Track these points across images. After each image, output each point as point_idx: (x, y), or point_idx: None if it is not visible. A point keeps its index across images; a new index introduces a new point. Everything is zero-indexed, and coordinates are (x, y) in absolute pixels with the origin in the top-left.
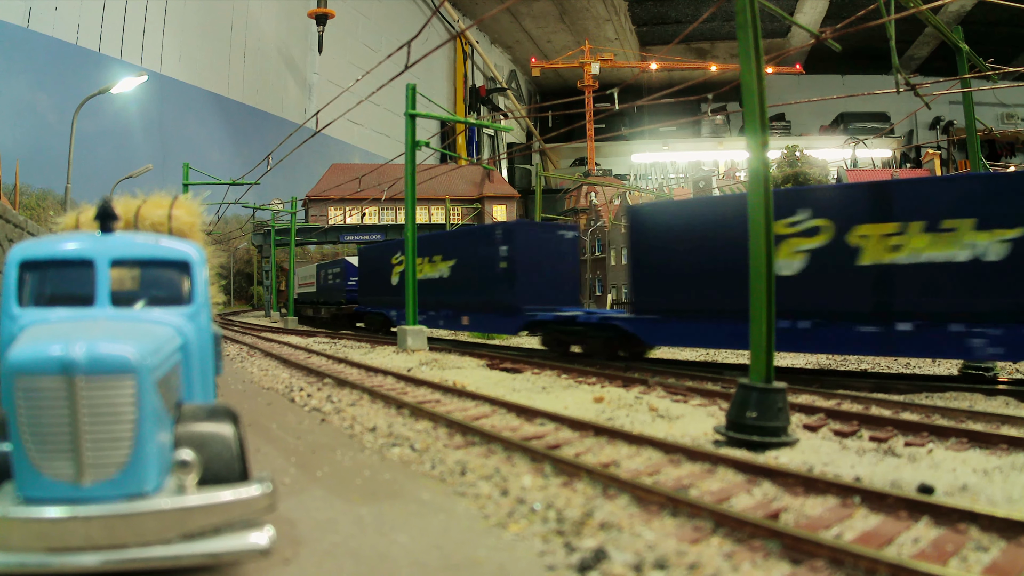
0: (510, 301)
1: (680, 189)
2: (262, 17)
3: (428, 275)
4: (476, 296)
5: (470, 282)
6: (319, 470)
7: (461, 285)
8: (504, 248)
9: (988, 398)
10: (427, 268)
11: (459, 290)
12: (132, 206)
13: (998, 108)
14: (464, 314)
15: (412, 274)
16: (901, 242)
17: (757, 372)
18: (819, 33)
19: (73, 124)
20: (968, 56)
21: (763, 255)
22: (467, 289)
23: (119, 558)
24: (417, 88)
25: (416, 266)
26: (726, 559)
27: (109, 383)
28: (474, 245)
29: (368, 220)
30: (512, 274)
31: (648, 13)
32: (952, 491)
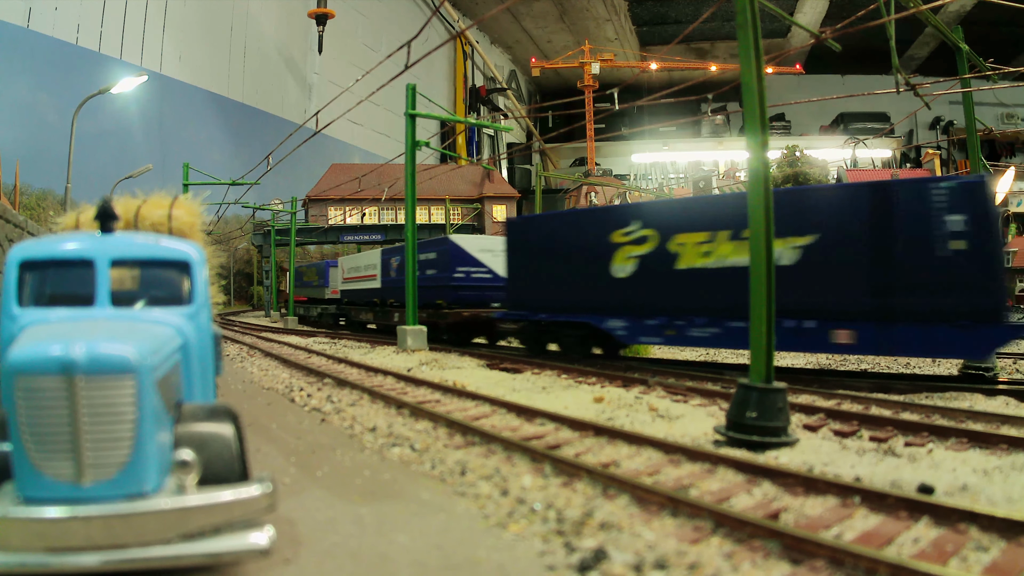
0: (981, 304)
1: (680, 189)
2: (262, 17)
3: (729, 261)
4: (883, 297)
5: (853, 271)
6: (319, 470)
7: (824, 275)
8: (959, 217)
9: (988, 398)
10: (726, 250)
11: (820, 284)
12: (132, 206)
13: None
14: (839, 326)
15: (412, 273)
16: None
17: (757, 372)
18: (819, 33)
19: (73, 124)
20: (968, 56)
21: (763, 255)
22: (842, 283)
23: (119, 558)
24: (417, 88)
25: (692, 246)
26: (726, 559)
27: (109, 383)
28: (870, 211)
29: (368, 220)
30: (982, 258)
31: (648, 13)
32: (952, 491)
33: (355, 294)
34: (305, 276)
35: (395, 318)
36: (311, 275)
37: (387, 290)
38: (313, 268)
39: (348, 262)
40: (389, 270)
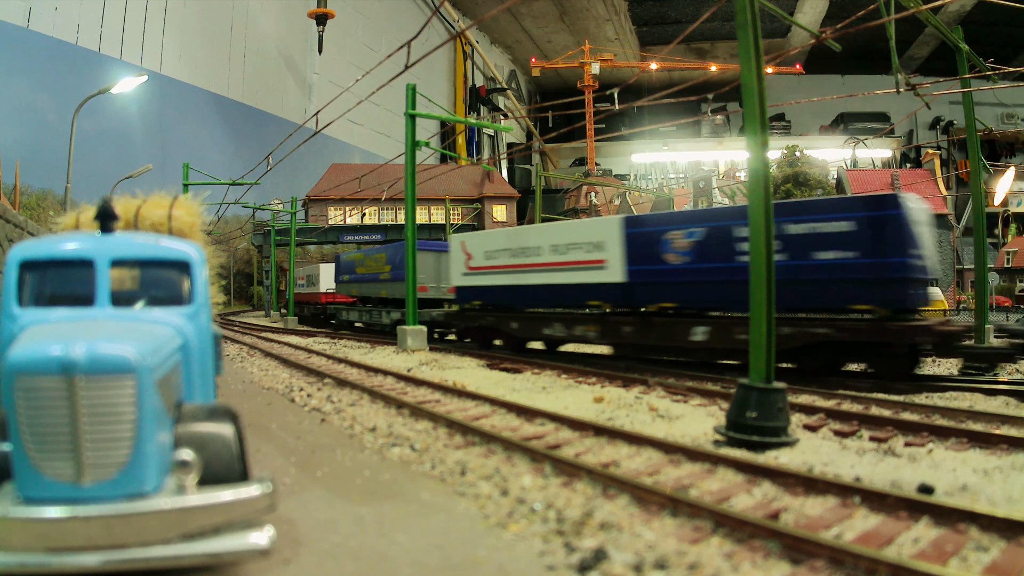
0: None
1: (680, 189)
2: (262, 17)
3: None
4: None
5: None
6: (319, 470)
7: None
8: None
9: (988, 398)
10: None
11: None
12: (132, 206)
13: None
14: None
15: (412, 271)
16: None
17: (757, 372)
18: (819, 33)
19: (73, 124)
20: (968, 56)
21: (763, 256)
22: None
23: (119, 558)
24: (417, 88)
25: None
26: (726, 559)
27: (109, 383)
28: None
29: (368, 220)
30: None
31: (648, 13)
32: (952, 491)
33: (516, 295)
34: (361, 265)
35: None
36: (374, 263)
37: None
38: (381, 254)
39: (481, 242)
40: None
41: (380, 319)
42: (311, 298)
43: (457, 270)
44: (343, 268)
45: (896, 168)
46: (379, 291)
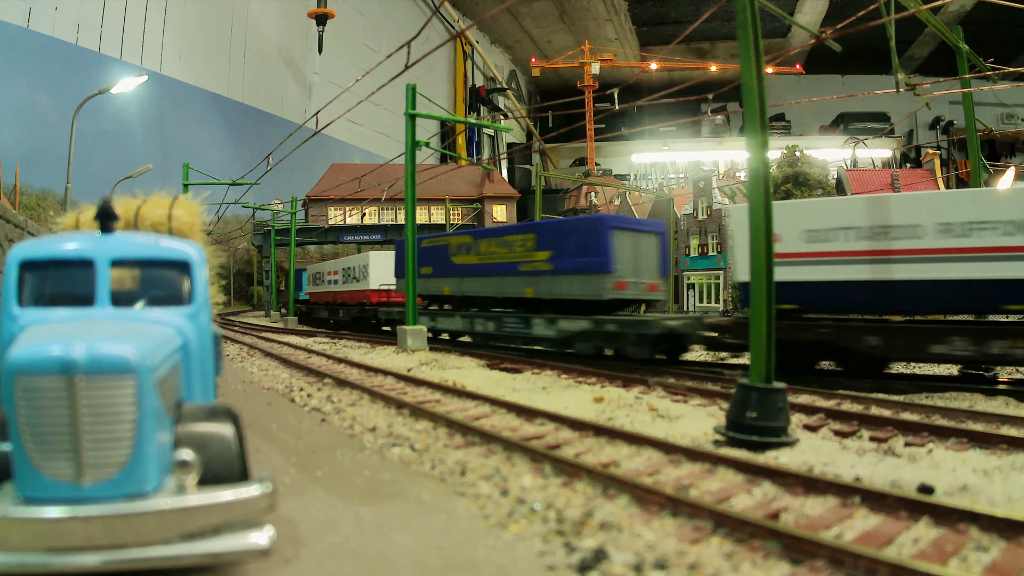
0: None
1: (680, 189)
2: (262, 17)
3: None
4: None
5: None
6: (319, 470)
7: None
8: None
9: (988, 398)
10: None
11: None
12: (132, 206)
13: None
14: None
15: (412, 270)
16: None
17: (757, 372)
18: (819, 33)
19: (73, 124)
20: (968, 56)
21: (763, 256)
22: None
23: (119, 558)
24: (417, 88)
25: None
26: (726, 559)
27: (109, 383)
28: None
29: (368, 220)
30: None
31: (648, 13)
32: (952, 491)
33: (871, 296)
34: (466, 252)
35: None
36: (502, 247)
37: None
38: (521, 234)
39: (797, 215)
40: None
41: (528, 330)
42: (351, 297)
43: (744, 257)
44: (420, 257)
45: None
46: (515, 289)
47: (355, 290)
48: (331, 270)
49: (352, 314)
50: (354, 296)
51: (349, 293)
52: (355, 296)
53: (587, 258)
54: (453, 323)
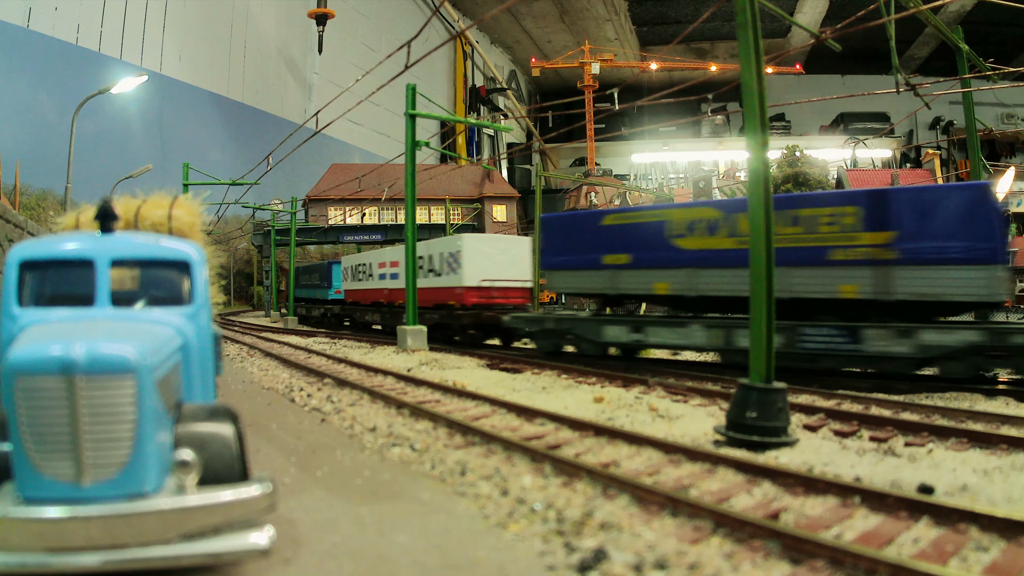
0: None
1: (680, 189)
2: (262, 17)
3: None
4: None
5: None
6: (319, 470)
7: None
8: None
9: (988, 398)
10: None
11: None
12: (132, 206)
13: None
14: None
15: (412, 271)
16: None
17: (757, 372)
18: (819, 33)
19: (73, 124)
20: (968, 56)
21: (763, 256)
22: None
23: (119, 558)
24: (417, 88)
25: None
26: (726, 559)
27: (109, 383)
28: None
29: (368, 220)
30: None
31: (648, 13)
32: (952, 491)
33: None
34: (690, 231)
35: None
36: (695, 228)
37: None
38: (704, 209)
39: None
40: None
41: (855, 346)
42: (428, 298)
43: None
44: (595, 239)
45: (896, 168)
46: (817, 285)
47: (436, 287)
48: (385, 261)
49: (428, 320)
50: (434, 296)
51: (425, 292)
52: (435, 296)
53: (965, 242)
54: (686, 336)
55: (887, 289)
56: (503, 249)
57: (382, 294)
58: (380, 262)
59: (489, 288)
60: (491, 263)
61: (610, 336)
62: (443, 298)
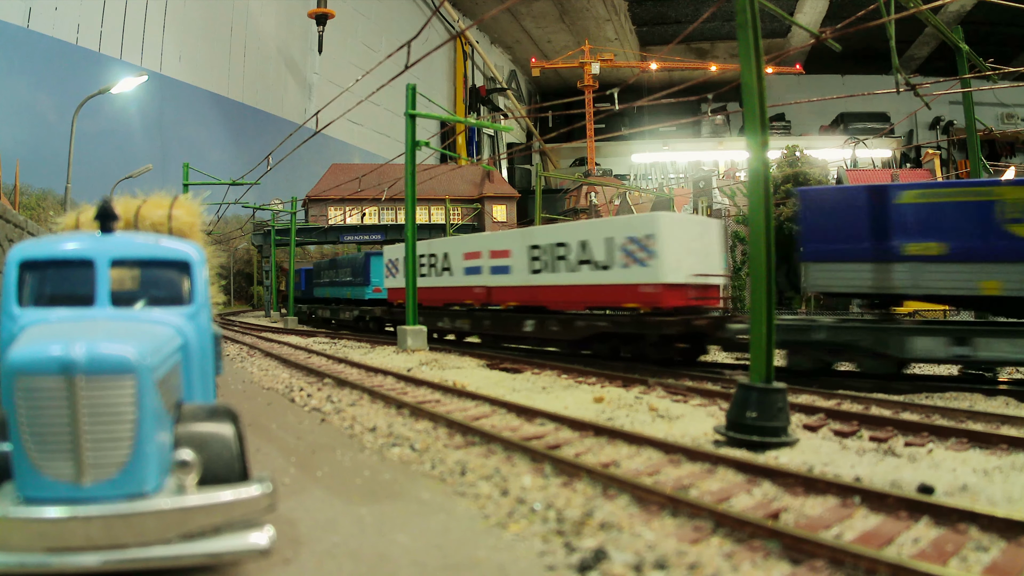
0: None
1: (680, 189)
2: (262, 17)
3: None
4: None
5: None
6: (319, 470)
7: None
8: None
9: (988, 398)
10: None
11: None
12: (132, 206)
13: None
14: None
15: (412, 271)
16: None
17: (757, 372)
18: (819, 33)
19: (73, 124)
20: (968, 56)
21: (763, 256)
22: None
23: (119, 558)
24: (417, 88)
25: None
26: (726, 559)
27: (109, 383)
28: None
29: (368, 220)
30: None
31: (648, 13)
32: (952, 491)
33: None
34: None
35: None
36: None
37: None
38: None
39: None
40: None
41: None
42: (584, 297)
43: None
44: (878, 223)
45: (896, 168)
46: None
47: (595, 285)
48: (478, 250)
49: (581, 330)
50: (591, 296)
51: (572, 291)
52: (593, 296)
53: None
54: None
55: None
56: (697, 234)
57: (471, 293)
58: (467, 251)
59: (693, 286)
60: (688, 252)
61: (920, 350)
62: (610, 299)
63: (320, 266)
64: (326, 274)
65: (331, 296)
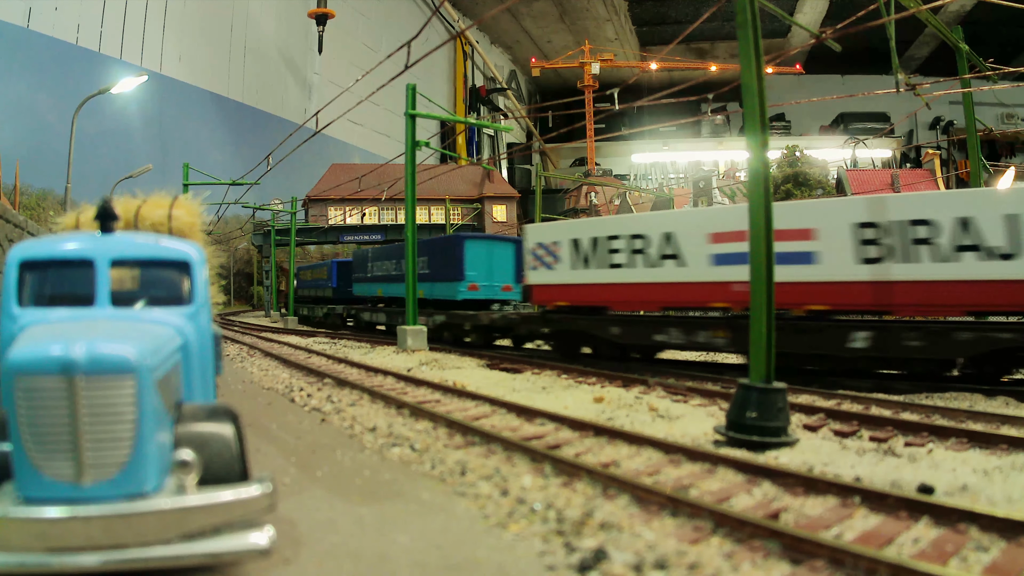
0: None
1: (680, 189)
2: (262, 17)
3: None
4: None
5: None
6: (319, 470)
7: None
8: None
9: (988, 398)
10: None
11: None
12: (132, 206)
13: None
14: None
15: (412, 271)
16: None
17: (757, 372)
18: (819, 33)
19: (73, 124)
20: (968, 56)
21: (763, 255)
22: None
23: (119, 558)
24: (417, 88)
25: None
26: (726, 559)
27: (109, 383)
28: None
29: (368, 220)
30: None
31: (648, 13)
32: (952, 491)
33: None
34: None
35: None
36: None
37: None
38: None
39: None
40: None
41: None
42: (944, 296)
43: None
44: None
45: (896, 168)
46: None
47: (985, 281)
48: (724, 228)
49: (953, 348)
50: (985, 295)
51: (940, 289)
52: (989, 296)
53: None
54: None
55: None
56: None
57: (725, 292)
58: (717, 231)
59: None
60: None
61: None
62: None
63: (365, 256)
64: (379, 266)
65: (387, 295)
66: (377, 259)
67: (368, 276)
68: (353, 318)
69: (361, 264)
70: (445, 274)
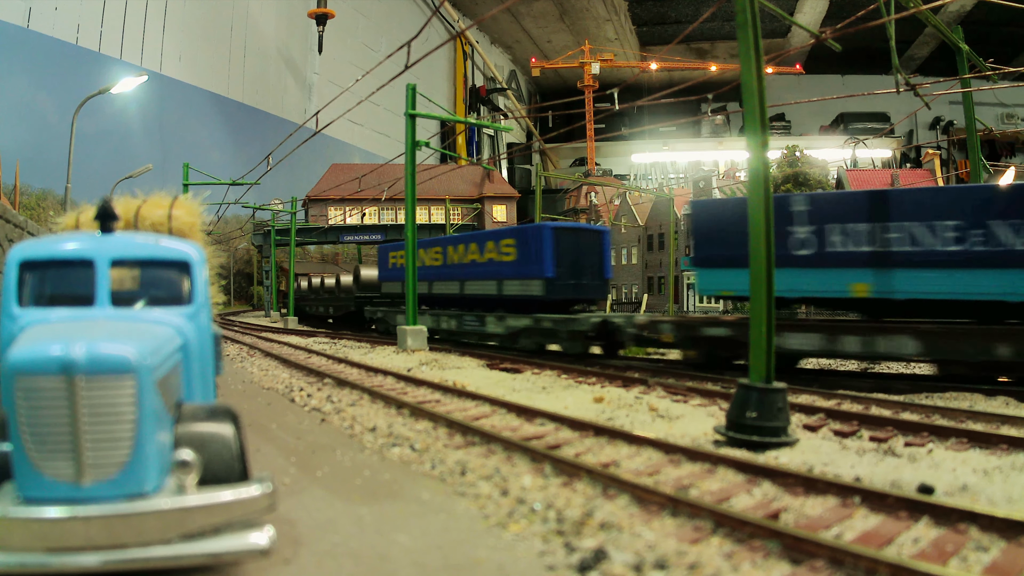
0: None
1: (680, 189)
2: (262, 17)
3: None
4: None
5: None
6: (319, 470)
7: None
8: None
9: (988, 398)
10: None
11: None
12: (132, 206)
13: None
14: None
15: (412, 270)
16: None
17: (757, 372)
18: (819, 33)
19: (73, 124)
20: (968, 56)
21: (763, 255)
22: None
23: (119, 558)
24: (417, 88)
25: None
26: (726, 559)
27: (109, 383)
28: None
29: (368, 220)
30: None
31: (648, 13)
32: (952, 491)
33: None
34: None
35: None
36: None
37: None
38: None
39: None
40: None
41: None
42: None
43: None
44: None
45: (896, 168)
46: None
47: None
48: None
49: None
50: None
51: None
52: None
53: None
54: None
55: None
56: None
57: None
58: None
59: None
60: None
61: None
62: None
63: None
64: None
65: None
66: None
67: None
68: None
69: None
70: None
